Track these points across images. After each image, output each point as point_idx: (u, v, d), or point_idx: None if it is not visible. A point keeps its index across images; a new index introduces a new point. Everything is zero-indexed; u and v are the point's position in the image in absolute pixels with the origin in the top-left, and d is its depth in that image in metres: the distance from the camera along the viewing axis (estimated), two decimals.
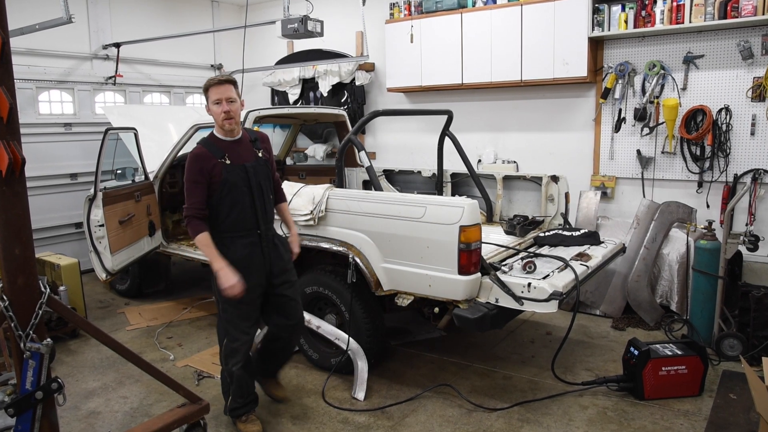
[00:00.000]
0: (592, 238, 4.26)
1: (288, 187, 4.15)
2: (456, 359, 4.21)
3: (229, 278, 2.96)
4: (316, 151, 7.20)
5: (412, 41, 6.21)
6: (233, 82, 3.05)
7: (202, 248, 3.01)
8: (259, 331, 3.54)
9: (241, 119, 4.63)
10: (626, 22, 5.13)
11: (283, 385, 3.69)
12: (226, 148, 3.05)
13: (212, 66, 8.11)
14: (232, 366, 3.16)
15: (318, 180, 6.19)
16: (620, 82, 5.34)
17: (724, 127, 4.92)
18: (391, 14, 6.52)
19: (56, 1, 4.99)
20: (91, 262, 5.00)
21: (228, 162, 3.02)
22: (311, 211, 3.77)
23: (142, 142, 5.24)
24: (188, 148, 5.26)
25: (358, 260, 3.59)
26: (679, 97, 5.07)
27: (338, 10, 7.06)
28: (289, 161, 6.87)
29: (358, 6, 5.59)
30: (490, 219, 5.04)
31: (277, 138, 6.98)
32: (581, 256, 3.86)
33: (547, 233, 4.34)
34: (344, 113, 5.83)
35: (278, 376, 3.69)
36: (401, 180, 5.82)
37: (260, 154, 3.15)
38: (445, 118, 4.97)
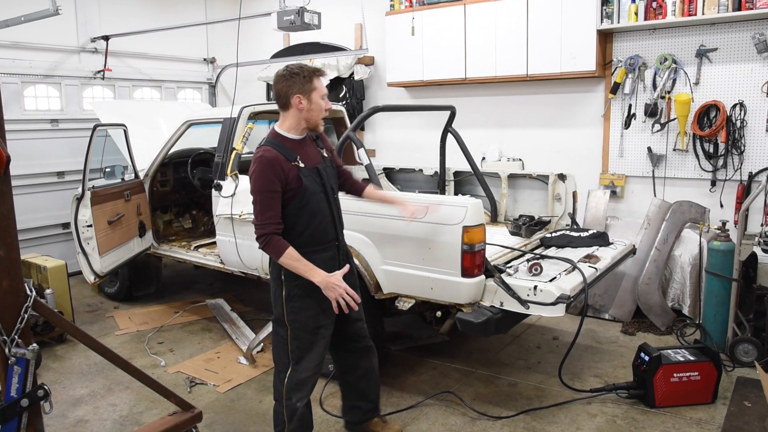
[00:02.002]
0: (601, 239, 4.26)
1: None
2: (459, 365, 4.21)
3: (335, 286, 2.67)
4: None
5: (413, 34, 6.20)
6: None
7: (295, 264, 2.66)
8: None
9: (237, 115, 4.64)
10: (636, 14, 5.13)
11: (389, 421, 3.33)
12: (296, 148, 2.75)
13: (205, 60, 8.12)
14: (297, 401, 2.83)
15: None
16: (630, 76, 5.35)
17: (738, 124, 4.92)
18: (392, 5, 6.52)
19: None
20: (78, 264, 5.01)
21: (302, 165, 2.73)
22: None
23: (132, 139, 5.25)
24: (180, 145, 5.30)
25: (356, 262, 3.59)
26: (692, 92, 5.07)
27: (336, 2, 7.05)
28: None
29: None
30: (494, 219, 5.04)
31: None
32: (590, 258, 3.86)
33: (554, 234, 4.35)
34: (342, 109, 5.83)
35: (378, 411, 3.30)
36: (402, 178, 5.82)
37: (325, 154, 2.93)
38: (447, 114, 4.97)
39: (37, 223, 6.33)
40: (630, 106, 5.42)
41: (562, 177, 4.74)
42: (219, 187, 4.49)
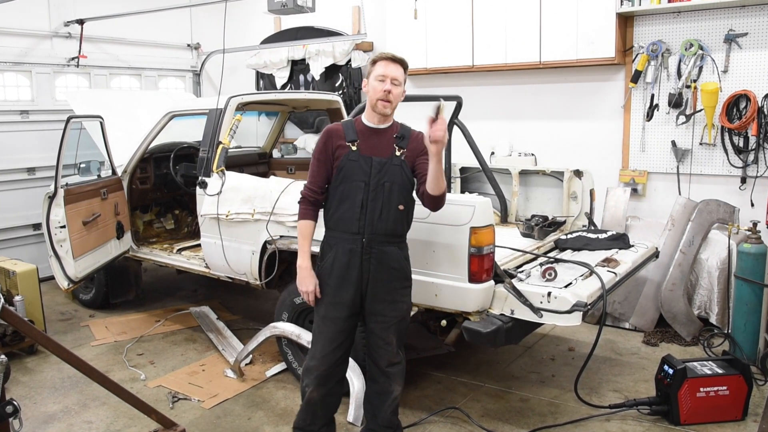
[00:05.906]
0: (621, 241, 4.26)
1: (275, 183, 4.15)
2: (466, 379, 4.22)
3: (304, 281, 3.01)
4: (307, 143, 7.20)
5: (416, 17, 6.21)
6: (406, 66, 3.01)
7: (299, 236, 3.08)
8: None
9: (223, 106, 4.64)
10: None
11: None
12: (362, 133, 3.01)
13: (188, 45, 8.13)
14: (305, 386, 3.12)
15: None
16: (653, 63, 5.34)
17: None
18: None
19: None
20: (51, 268, 5.00)
21: (354, 149, 2.96)
22: None
23: (109, 132, 5.25)
24: (161, 138, 5.30)
25: None
26: (720, 81, 5.07)
27: None
28: (276, 153, 6.88)
29: None
30: (504, 219, 5.05)
31: (262, 127, 6.98)
32: (608, 262, 3.87)
33: (569, 236, 4.35)
34: (339, 99, 5.83)
35: None
36: None
37: (398, 152, 2.98)
38: (453, 104, 4.97)
39: (5, 224, 6.34)
40: (652, 96, 5.42)
41: (578, 173, 4.74)
42: (204, 185, 4.48)
